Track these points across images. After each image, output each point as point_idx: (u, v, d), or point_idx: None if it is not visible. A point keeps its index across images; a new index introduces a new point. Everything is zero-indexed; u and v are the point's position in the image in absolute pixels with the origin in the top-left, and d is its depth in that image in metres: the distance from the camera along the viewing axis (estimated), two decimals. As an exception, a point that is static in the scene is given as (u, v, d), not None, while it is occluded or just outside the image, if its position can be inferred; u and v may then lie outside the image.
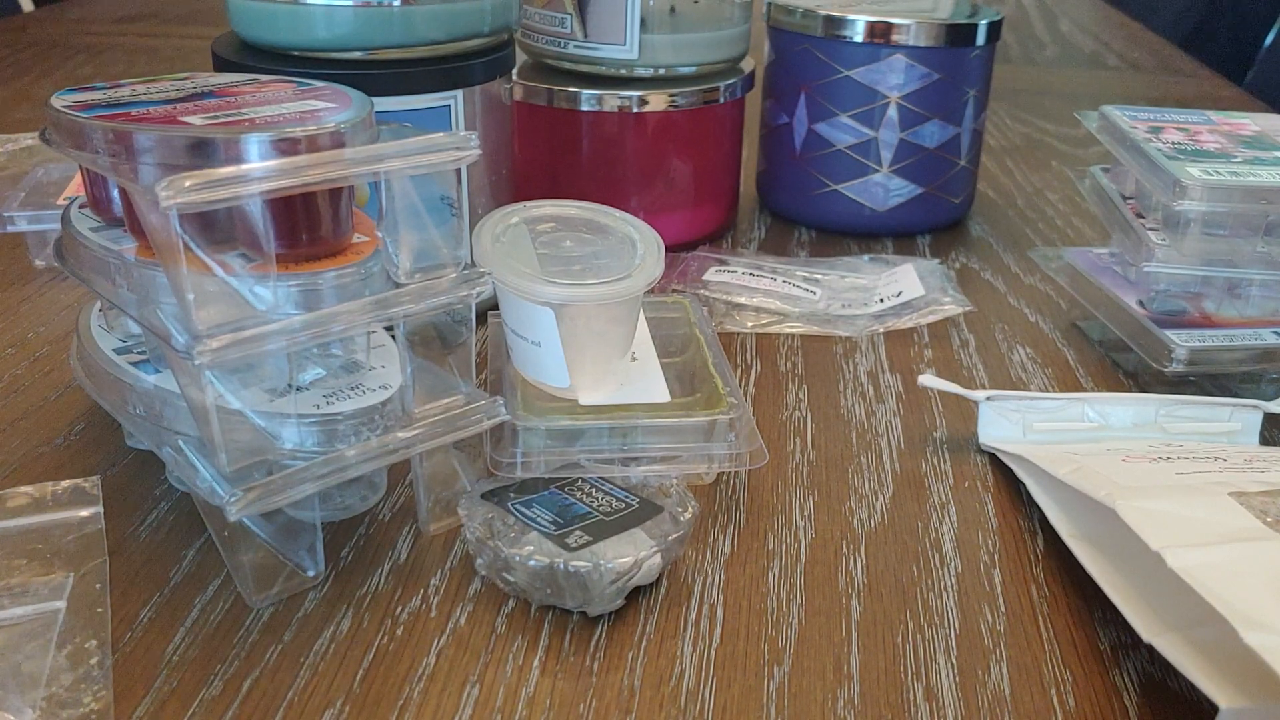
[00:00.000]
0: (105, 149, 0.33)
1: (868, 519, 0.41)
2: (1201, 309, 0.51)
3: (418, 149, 0.34)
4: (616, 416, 0.39)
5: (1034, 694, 0.33)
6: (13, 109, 0.87)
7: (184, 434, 0.35)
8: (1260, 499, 0.35)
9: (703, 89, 0.60)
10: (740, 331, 0.55)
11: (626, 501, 0.37)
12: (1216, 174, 0.49)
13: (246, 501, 0.32)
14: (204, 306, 0.31)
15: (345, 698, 0.32)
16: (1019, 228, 0.71)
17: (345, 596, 0.36)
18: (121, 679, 0.32)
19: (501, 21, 0.50)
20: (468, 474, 0.40)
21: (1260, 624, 0.28)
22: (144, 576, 0.37)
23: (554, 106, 0.60)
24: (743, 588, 0.37)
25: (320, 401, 0.35)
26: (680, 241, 0.63)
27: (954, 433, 0.47)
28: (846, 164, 0.66)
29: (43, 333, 0.52)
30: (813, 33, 0.64)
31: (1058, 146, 0.90)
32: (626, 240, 0.43)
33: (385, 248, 0.36)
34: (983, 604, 0.37)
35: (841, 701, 0.33)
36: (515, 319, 0.41)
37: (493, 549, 0.35)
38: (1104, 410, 0.45)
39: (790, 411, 0.48)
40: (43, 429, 0.44)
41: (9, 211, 0.58)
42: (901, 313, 0.57)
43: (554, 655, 0.34)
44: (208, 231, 0.32)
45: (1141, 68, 1.21)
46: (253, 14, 0.47)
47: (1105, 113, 0.57)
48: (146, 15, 1.27)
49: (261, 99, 0.36)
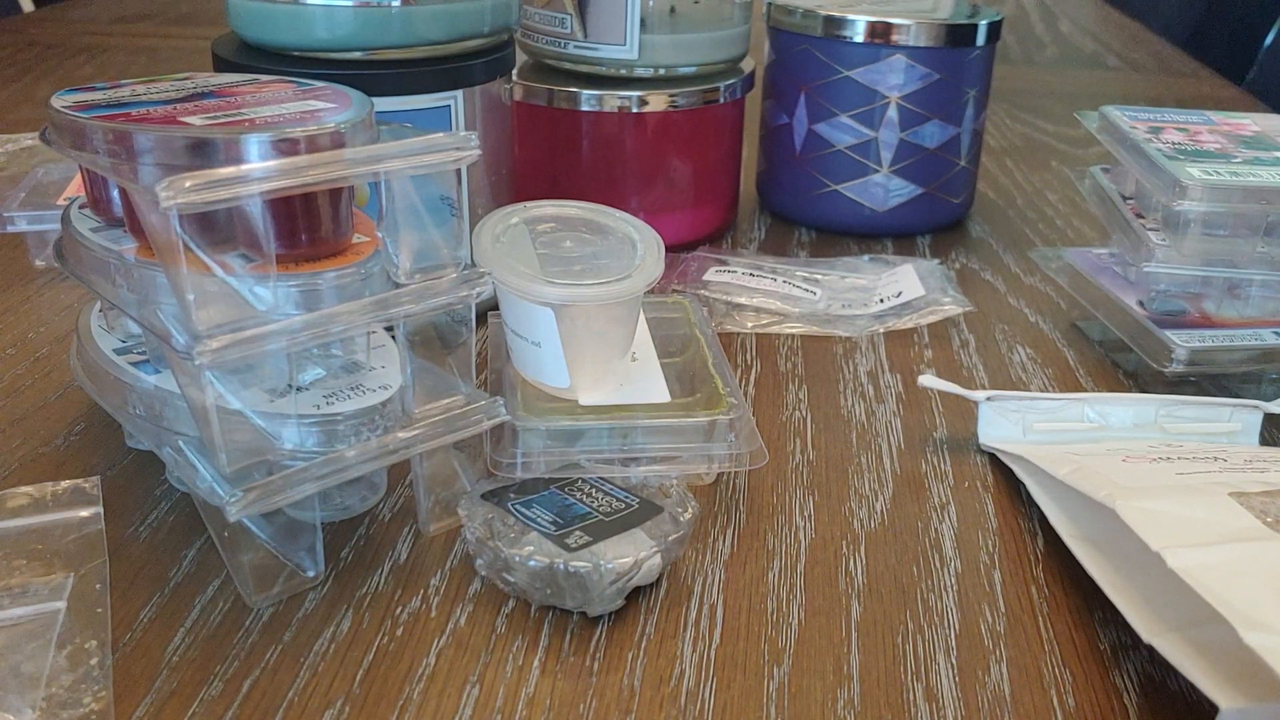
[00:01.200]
0: (105, 149, 0.33)
1: (868, 519, 0.41)
2: (1201, 309, 0.51)
3: (418, 149, 0.34)
4: (616, 417, 0.39)
5: (1034, 694, 0.33)
6: (13, 109, 0.87)
7: (184, 434, 0.35)
8: (1260, 499, 0.35)
9: (703, 89, 0.60)
10: (740, 332, 0.55)
11: (626, 502, 0.37)
12: (1216, 174, 0.49)
13: (246, 502, 0.32)
14: (204, 306, 0.31)
15: (345, 698, 0.32)
16: (1019, 228, 0.71)
17: (345, 597, 0.36)
18: (121, 679, 0.32)
19: (501, 21, 0.50)
20: (468, 474, 0.40)
21: (1260, 624, 0.28)
22: (144, 576, 0.37)
23: (554, 107, 0.60)
24: (743, 588, 0.37)
25: (320, 402, 0.35)
26: (680, 242, 0.63)
27: (954, 433, 0.47)
28: (846, 164, 0.66)
29: (43, 333, 0.52)
30: (813, 33, 0.64)
31: (1058, 146, 0.90)
32: (626, 240, 0.43)
33: (385, 248, 0.36)
34: (983, 604, 0.37)
35: (841, 702, 0.33)
36: (515, 319, 0.41)
37: (493, 549, 0.35)
38: (1104, 410, 0.45)
39: (790, 412, 0.48)
40: (43, 429, 0.44)
41: (9, 211, 0.58)
42: (901, 313, 0.57)
43: (554, 655, 0.34)
44: (208, 231, 0.32)
45: (1141, 68, 1.21)
46: (253, 14, 0.47)
47: (1105, 113, 0.57)
48: (146, 15, 1.27)
49: (261, 99, 0.36)
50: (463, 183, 0.50)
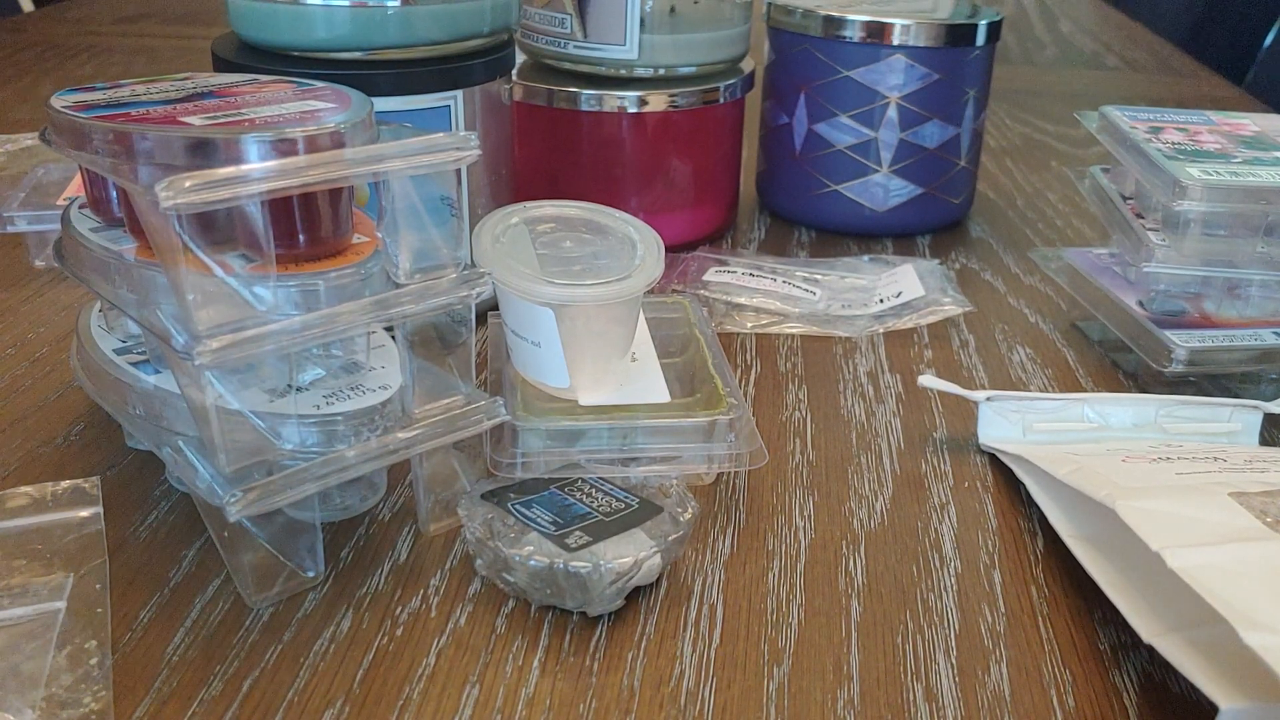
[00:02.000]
0: (105, 149, 0.33)
1: (868, 519, 0.41)
2: (1201, 309, 0.51)
3: (418, 149, 0.34)
4: (616, 417, 0.39)
5: (1034, 694, 0.33)
6: (13, 109, 0.87)
7: (184, 434, 0.35)
8: (1260, 499, 0.35)
9: (703, 89, 0.60)
10: (740, 332, 0.55)
11: (626, 502, 0.37)
12: (1216, 174, 0.49)
13: (246, 502, 0.32)
14: (204, 307, 0.31)
15: (345, 698, 0.32)
16: (1019, 228, 0.71)
17: (345, 596, 0.36)
18: (121, 679, 0.32)
19: (501, 21, 0.50)
20: (468, 474, 0.40)
21: (1260, 624, 0.28)
22: (144, 576, 0.37)
23: (554, 107, 0.60)
24: (743, 588, 0.37)
25: (320, 402, 0.35)
26: (680, 242, 0.63)
27: (954, 433, 0.47)
28: (846, 164, 0.66)
29: (43, 333, 0.52)
30: (812, 33, 0.64)
31: (1058, 146, 0.90)
32: (626, 240, 0.43)
33: (385, 248, 0.36)
34: (983, 604, 0.37)
35: (841, 702, 0.33)
36: (515, 319, 0.41)
37: (493, 549, 0.35)
38: (1104, 411, 0.45)
39: (790, 412, 0.48)
40: (43, 429, 0.44)
41: (9, 211, 0.58)
42: (901, 313, 0.57)
43: (554, 655, 0.34)
44: (208, 231, 0.32)
45: (1141, 68, 1.21)
46: (253, 14, 0.47)
47: (1105, 113, 0.57)
48: (146, 15, 1.27)
49: (261, 99, 0.36)
50: (463, 183, 0.50)
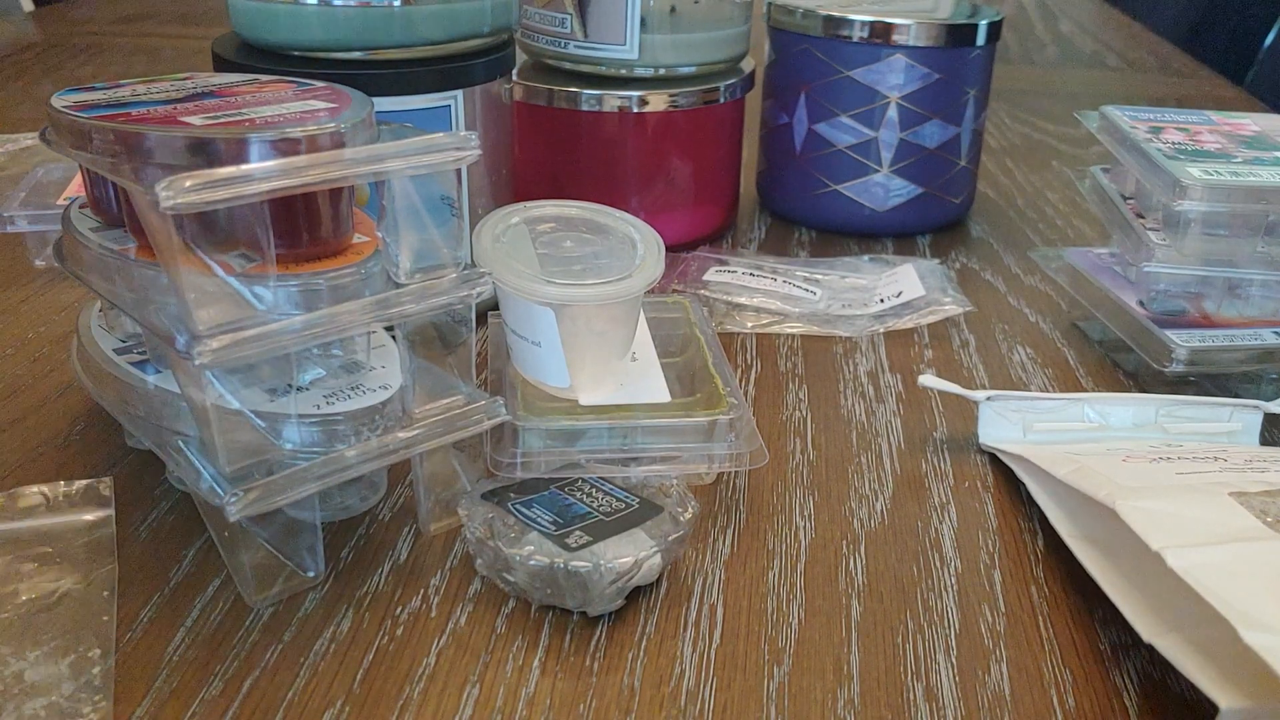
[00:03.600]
0: (105, 149, 0.33)
1: (868, 519, 0.41)
2: (1201, 309, 0.51)
3: (418, 149, 0.34)
4: (616, 416, 0.39)
5: (1034, 694, 0.33)
6: (13, 109, 0.87)
7: (184, 434, 0.35)
8: (1260, 499, 0.35)
9: (703, 89, 0.60)
10: (740, 332, 0.55)
11: (626, 502, 0.37)
12: (1216, 174, 0.49)
13: (246, 502, 0.32)
14: (204, 306, 0.31)
15: (345, 698, 0.32)
16: (1019, 228, 0.71)
17: (345, 596, 0.36)
18: (122, 679, 0.32)
19: (501, 21, 0.50)
20: (468, 474, 0.40)
21: (1260, 624, 0.28)
22: (144, 576, 0.37)
23: (554, 106, 0.60)
24: (743, 588, 0.37)
25: (320, 401, 0.35)
26: (680, 242, 0.63)
27: (954, 433, 0.47)
28: (846, 164, 0.66)
29: (43, 333, 0.52)
30: (813, 33, 0.64)
31: (1058, 146, 0.90)
32: (626, 240, 0.43)
33: (385, 248, 0.36)
34: (983, 604, 0.37)
35: (841, 701, 0.33)
36: (515, 319, 0.41)
37: (493, 549, 0.35)
38: (1104, 410, 0.45)
39: (790, 411, 0.48)
40: (43, 429, 0.44)
41: (9, 211, 0.58)
42: (901, 313, 0.57)
43: (554, 655, 0.34)
44: (208, 231, 0.32)
45: (1141, 68, 1.21)
46: (253, 14, 0.47)
47: (1105, 113, 0.57)
48: (146, 15, 1.27)
49: (261, 99, 0.36)
50: (463, 183, 0.50)
